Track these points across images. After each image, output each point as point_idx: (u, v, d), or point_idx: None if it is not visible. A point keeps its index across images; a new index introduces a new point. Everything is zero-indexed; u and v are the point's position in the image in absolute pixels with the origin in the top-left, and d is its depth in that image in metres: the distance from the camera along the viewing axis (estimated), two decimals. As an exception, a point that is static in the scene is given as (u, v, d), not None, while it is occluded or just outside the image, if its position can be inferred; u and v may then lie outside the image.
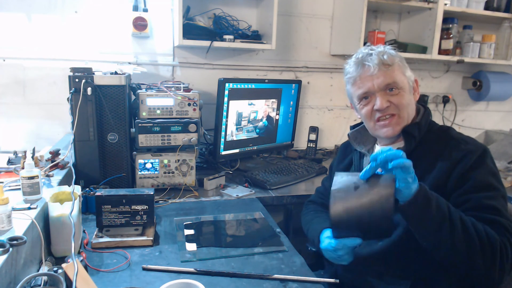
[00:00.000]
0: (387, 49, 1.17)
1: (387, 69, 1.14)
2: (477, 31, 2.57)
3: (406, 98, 1.15)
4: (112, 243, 1.20)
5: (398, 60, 1.17)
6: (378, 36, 2.25)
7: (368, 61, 1.14)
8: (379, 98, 1.14)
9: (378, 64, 1.13)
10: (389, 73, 1.14)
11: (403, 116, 1.16)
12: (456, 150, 1.10)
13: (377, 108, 1.15)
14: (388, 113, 1.16)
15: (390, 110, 1.15)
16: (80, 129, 1.54)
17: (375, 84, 1.14)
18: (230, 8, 2.18)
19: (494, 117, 2.98)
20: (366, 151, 1.30)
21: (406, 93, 1.16)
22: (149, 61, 2.11)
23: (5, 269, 0.82)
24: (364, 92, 1.17)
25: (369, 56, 1.15)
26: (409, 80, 1.18)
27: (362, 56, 1.17)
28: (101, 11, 1.99)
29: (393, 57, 1.16)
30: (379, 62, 1.13)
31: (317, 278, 1.07)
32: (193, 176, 1.73)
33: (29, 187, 1.12)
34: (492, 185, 1.05)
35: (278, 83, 2.18)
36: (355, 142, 1.31)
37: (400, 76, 1.15)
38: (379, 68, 1.13)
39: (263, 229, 1.39)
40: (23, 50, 1.93)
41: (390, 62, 1.14)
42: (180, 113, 1.70)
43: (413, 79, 1.20)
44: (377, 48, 1.18)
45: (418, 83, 1.23)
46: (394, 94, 1.14)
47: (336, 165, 1.45)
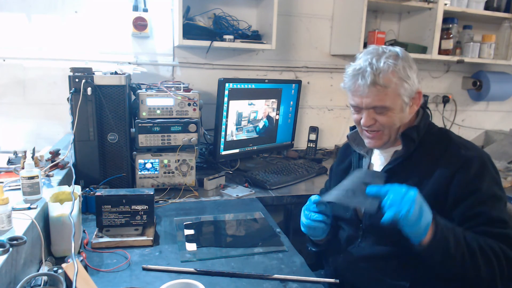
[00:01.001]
0: (388, 64, 1.08)
1: (379, 92, 1.09)
2: (477, 31, 2.57)
3: (394, 118, 1.12)
4: (112, 243, 1.20)
5: (396, 80, 1.09)
6: (378, 36, 2.25)
7: (361, 79, 1.09)
8: (365, 116, 1.14)
9: (369, 86, 1.08)
10: (379, 96, 1.09)
11: (386, 133, 1.15)
12: (457, 155, 1.09)
13: (362, 124, 1.15)
14: (372, 129, 1.16)
15: (374, 128, 1.15)
16: (80, 129, 1.54)
17: (363, 102, 1.12)
18: (230, 8, 2.18)
19: (494, 117, 2.98)
20: (365, 153, 1.30)
21: (395, 113, 1.12)
22: (149, 61, 2.11)
23: (5, 269, 0.82)
24: (354, 106, 1.17)
25: (365, 73, 1.09)
26: (406, 97, 1.11)
27: (360, 68, 1.11)
28: (101, 11, 1.99)
29: (391, 77, 1.08)
30: (372, 82, 1.08)
31: (317, 278, 1.07)
32: (193, 176, 1.73)
33: (29, 187, 1.12)
34: (497, 195, 1.06)
35: (278, 83, 2.18)
36: (354, 143, 1.31)
37: (392, 98, 1.10)
38: (370, 90, 1.09)
39: (263, 229, 1.39)
40: (23, 50, 1.93)
41: (385, 84, 1.08)
42: (180, 113, 1.70)
43: (415, 90, 1.13)
44: (377, 62, 1.09)
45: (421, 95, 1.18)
46: (381, 113, 1.12)
47: (336, 167, 1.44)
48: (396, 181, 1.15)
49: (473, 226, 1.03)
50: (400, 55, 1.13)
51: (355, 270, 1.20)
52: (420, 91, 1.16)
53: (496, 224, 1.02)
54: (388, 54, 1.12)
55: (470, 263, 0.97)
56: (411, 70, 1.13)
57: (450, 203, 1.07)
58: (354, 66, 1.14)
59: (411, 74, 1.12)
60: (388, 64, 1.09)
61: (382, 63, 1.09)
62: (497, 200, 1.06)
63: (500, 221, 1.03)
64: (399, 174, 1.16)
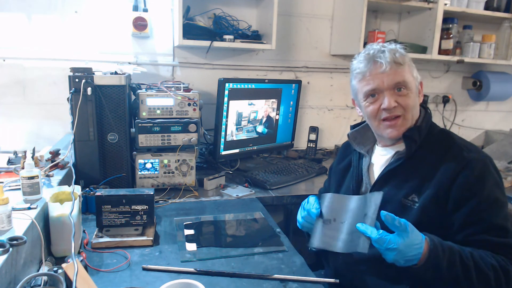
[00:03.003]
0: (398, 47, 1.15)
1: (398, 68, 1.12)
2: (477, 31, 2.57)
3: (413, 100, 1.14)
4: (112, 243, 1.20)
5: (408, 60, 1.16)
6: (378, 36, 2.25)
7: (380, 58, 1.12)
8: (387, 97, 1.12)
9: (390, 62, 1.11)
10: (400, 71, 1.12)
11: (408, 118, 1.14)
12: (459, 157, 1.08)
13: (385, 107, 1.13)
14: (394, 114, 1.14)
15: (396, 111, 1.13)
16: (80, 129, 1.54)
17: (385, 81, 1.12)
18: (230, 8, 2.18)
19: (494, 117, 2.98)
20: (365, 152, 1.29)
21: (413, 94, 1.14)
22: (149, 61, 2.11)
23: (5, 269, 0.82)
24: (373, 89, 1.14)
25: (381, 53, 1.13)
26: (416, 81, 1.17)
27: (374, 52, 1.14)
28: (101, 11, 1.99)
29: (404, 57, 1.14)
30: (392, 59, 1.11)
31: (317, 278, 1.07)
32: (193, 176, 1.73)
33: (29, 187, 1.12)
34: (499, 200, 1.05)
35: (278, 83, 2.18)
36: (355, 143, 1.31)
37: (409, 76, 1.14)
38: (391, 66, 1.11)
39: (263, 229, 1.39)
40: (23, 50, 1.93)
41: (401, 61, 1.12)
42: (180, 113, 1.70)
43: (419, 81, 1.19)
44: (389, 45, 1.16)
45: (423, 85, 1.22)
46: (402, 94, 1.13)
47: (335, 166, 1.44)
48: (396, 181, 1.16)
49: (474, 233, 1.03)
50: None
51: (355, 272, 1.20)
52: (422, 82, 1.21)
53: (496, 232, 1.02)
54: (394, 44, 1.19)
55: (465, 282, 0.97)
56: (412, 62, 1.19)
57: (451, 206, 1.06)
58: (367, 52, 1.17)
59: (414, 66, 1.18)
60: (398, 46, 1.16)
61: (394, 45, 1.16)
62: (499, 205, 1.05)
63: (501, 228, 1.02)
64: (399, 175, 1.16)
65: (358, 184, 1.28)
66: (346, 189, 1.32)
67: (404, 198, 1.13)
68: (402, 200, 1.13)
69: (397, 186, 1.15)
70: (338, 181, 1.37)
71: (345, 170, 1.36)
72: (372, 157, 1.29)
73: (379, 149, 1.27)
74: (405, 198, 1.13)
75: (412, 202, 1.11)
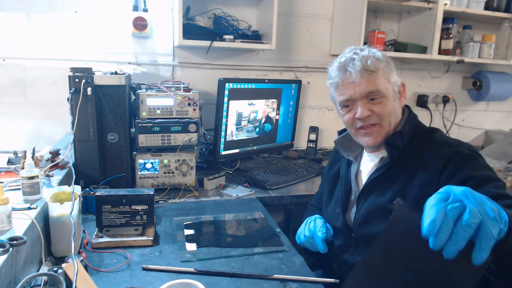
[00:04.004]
0: (372, 53, 1.11)
1: (370, 76, 1.08)
2: (477, 31, 2.57)
3: (389, 107, 1.11)
4: (112, 243, 1.20)
5: (383, 66, 1.11)
6: (378, 36, 2.25)
7: (350, 67, 1.09)
8: (360, 107, 1.10)
9: (361, 71, 1.08)
10: (372, 80, 1.08)
11: (385, 125, 1.12)
12: (442, 152, 1.04)
13: (358, 117, 1.11)
14: (369, 122, 1.12)
15: (371, 120, 1.11)
16: (80, 129, 1.54)
17: (356, 91, 1.10)
18: (230, 8, 2.17)
19: (494, 117, 2.98)
20: (353, 159, 1.26)
21: (389, 101, 1.11)
22: (149, 61, 2.11)
23: (5, 269, 0.82)
24: (346, 100, 1.13)
25: (351, 61, 1.10)
26: (395, 85, 1.13)
27: (345, 60, 1.11)
28: (101, 11, 1.99)
29: (378, 63, 1.10)
30: (362, 68, 1.08)
31: (317, 278, 1.07)
32: (193, 176, 1.73)
33: (29, 187, 1.12)
34: (493, 177, 0.97)
35: (278, 83, 2.18)
36: (342, 149, 1.27)
37: (384, 83, 1.10)
38: (361, 75, 1.08)
39: (263, 229, 1.39)
40: (23, 50, 1.93)
41: (373, 68, 1.08)
42: (180, 113, 1.70)
43: (400, 83, 1.15)
44: (361, 52, 1.11)
45: (406, 87, 1.18)
46: (376, 103, 1.10)
47: (326, 172, 1.41)
48: (381, 187, 1.13)
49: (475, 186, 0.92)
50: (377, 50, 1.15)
51: None
52: (404, 83, 1.17)
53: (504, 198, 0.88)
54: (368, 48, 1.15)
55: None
56: (391, 61, 1.15)
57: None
58: (338, 61, 1.14)
59: (393, 66, 1.14)
60: (372, 51, 1.12)
61: (366, 51, 1.12)
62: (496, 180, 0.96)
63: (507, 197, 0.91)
64: (383, 182, 1.13)
65: (347, 192, 1.26)
66: (336, 197, 1.29)
67: (389, 203, 1.10)
68: (386, 205, 1.10)
69: (382, 193, 1.13)
70: (329, 189, 1.35)
71: (335, 177, 1.33)
72: (361, 163, 1.26)
73: (366, 155, 1.24)
74: (390, 202, 1.10)
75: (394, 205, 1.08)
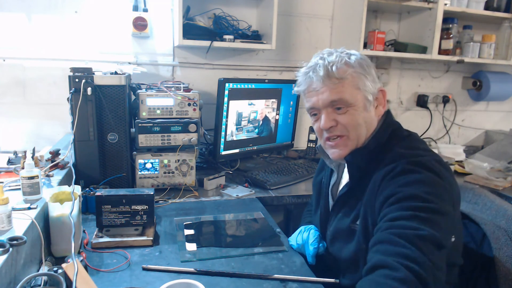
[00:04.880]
0: (341, 57, 1.02)
1: (335, 84, 1.00)
2: (477, 31, 2.57)
3: (358, 117, 1.01)
4: (112, 243, 1.20)
5: (352, 72, 1.01)
6: (378, 36, 2.25)
7: (313, 73, 1.02)
8: (323, 116, 1.03)
9: (323, 78, 1.00)
10: (337, 88, 1.00)
11: (352, 137, 1.03)
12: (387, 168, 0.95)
13: (321, 127, 1.04)
14: (334, 134, 1.04)
15: (336, 131, 1.04)
16: (80, 129, 1.54)
17: (319, 99, 1.02)
18: (230, 8, 2.17)
19: (494, 117, 2.98)
20: (335, 167, 1.18)
21: (357, 111, 1.01)
22: (149, 61, 2.11)
23: (5, 269, 0.82)
24: (311, 108, 1.07)
25: (316, 67, 1.02)
26: (368, 93, 1.02)
27: (311, 65, 1.04)
28: (101, 11, 1.99)
29: (346, 68, 1.00)
30: (325, 75, 1.00)
31: (317, 278, 1.07)
32: (193, 176, 1.73)
33: (29, 187, 1.12)
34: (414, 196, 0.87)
35: (278, 83, 2.18)
36: (324, 156, 1.18)
37: (351, 91, 1.00)
38: (324, 83, 1.00)
39: (263, 229, 1.39)
40: (23, 50, 1.93)
41: (338, 76, 0.99)
42: (180, 113, 1.70)
43: (377, 90, 1.04)
44: (328, 57, 1.03)
45: (386, 94, 1.07)
46: (342, 112, 1.02)
47: (314, 178, 1.35)
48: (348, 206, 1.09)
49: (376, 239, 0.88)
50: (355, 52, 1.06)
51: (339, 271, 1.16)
52: (383, 89, 1.07)
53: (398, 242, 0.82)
54: (341, 51, 1.05)
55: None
56: (369, 66, 1.04)
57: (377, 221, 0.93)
58: (306, 65, 1.08)
59: (369, 70, 1.03)
60: (341, 56, 1.02)
61: (334, 56, 1.03)
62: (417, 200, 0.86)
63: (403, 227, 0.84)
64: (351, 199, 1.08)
65: (326, 203, 1.21)
66: (321, 207, 1.24)
67: (352, 223, 1.06)
68: (350, 225, 1.06)
69: (348, 212, 1.08)
70: (316, 196, 1.30)
71: (319, 185, 1.28)
72: (343, 173, 1.18)
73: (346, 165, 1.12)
74: (353, 223, 1.06)
75: (356, 225, 1.04)
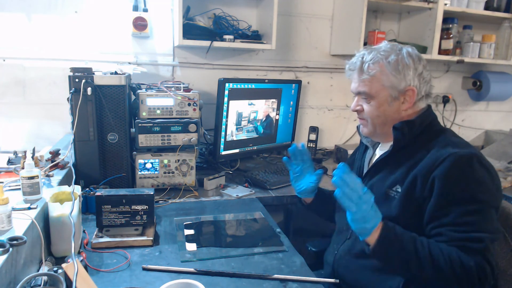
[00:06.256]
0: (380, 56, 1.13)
1: (364, 78, 1.16)
2: (477, 31, 2.57)
3: (378, 109, 1.16)
4: (112, 243, 1.20)
5: (380, 71, 1.13)
6: (378, 36, 2.25)
7: (351, 65, 1.20)
8: (354, 101, 1.22)
9: (357, 71, 1.17)
10: (365, 81, 1.16)
11: (370, 123, 1.20)
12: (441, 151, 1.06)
13: (351, 107, 1.24)
14: (359, 116, 1.23)
15: (360, 115, 1.22)
16: (80, 129, 1.54)
17: (352, 87, 1.21)
18: (230, 8, 2.17)
19: (494, 117, 2.98)
20: (370, 145, 1.32)
21: (380, 104, 1.15)
22: (149, 61, 2.11)
23: (5, 269, 0.82)
24: (351, 90, 1.23)
25: (354, 59, 1.19)
26: (393, 90, 1.13)
27: (353, 58, 1.20)
28: (101, 11, 1.99)
29: (375, 67, 1.13)
30: (359, 69, 1.16)
31: (317, 278, 1.07)
32: (193, 176, 1.73)
33: (29, 187, 1.12)
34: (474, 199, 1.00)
35: (278, 83, 2.18)
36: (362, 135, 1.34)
37: (376, 87, 1.14)
38: (357, 75, 1.17)
39: (263, 229, 1.39)
40: (23, 50, 1.93)
41: (367, 73, 1.14)
42: (180, 113, 1.70)
43: (405, 89, 1.13)
44: (368, 54, 1.16)
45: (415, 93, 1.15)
46: (366, 102, 1.18)
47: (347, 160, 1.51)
48: (385, 172, 1.18)
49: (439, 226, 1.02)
50: (403, 51, 1.15)
51: (354, 268, 1.20)
52: (413, 88, 1.14)
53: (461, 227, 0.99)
54: (386, 48, 1.16)
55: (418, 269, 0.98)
56: (407, 67, 1.13)
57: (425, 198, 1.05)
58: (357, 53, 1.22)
59: (404, 70, 1.13)
60: (378, 56, 1.14)
61: (372, 54, 1.15)
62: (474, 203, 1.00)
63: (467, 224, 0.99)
64: (387, 167, 1.18)
65: (360, 175, 1.31)
66: None
67: (389, 189, 1.14)
68: (386, 190, 1.14)
69: (384, 177, 1.18)
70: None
71: (352, 163, 1.42)
72: (377, 149, 1.31)
73: (382, 144, 1.29)
74: (390, 188, 1.14)
75: (395, 193, 1.12)
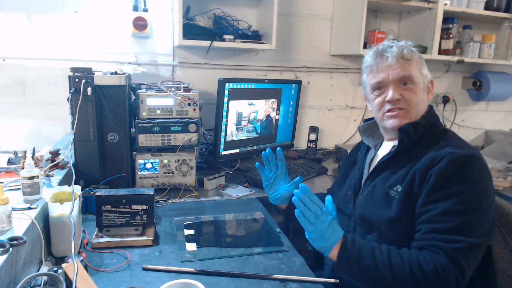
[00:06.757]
0: (408, 44, 1.19)
1: (405, 63, 1.15)
2: (477, 31, 2.57)
3: (419, 96, 1.16)
4: (112, 243, 1.20)
5: (417, 57, 1.19)
6: (378, 36, 2.25)
7: (388, 52, 1.16)
8: (391, 90, 1.16)
9: (397, 56, 1.15)
10: (406, 66, 1.15)
11: (412, 112, 1.16)
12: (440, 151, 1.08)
13: (388, 99, 1.16)
14: (397, 106, 1.16)
15: (400, 104, 1.16)
16: (80, 129, 1.54)
17: (390, 75, 1.16)
18: (230, 8, 2.18)
19: (494, 117, 2.98)
20: (372, 146, 1.32)
21: (419, 90, 1.17)
22: (149, 61, 2.11)
23: (5, 269, 0.82)
24: (379, 82, 1.18)
25: (389, 48, 1.17)
26: (425, 78, 1.19)
27: (383, 47, 1.19)
28: (101, 11, 1.99)
29: (413, 53, 1.18)
30: (398, 54, 1.15)
31: (317, 278, 1.07)
32: (193, 176, 1.73)
33: (29, 187, 1.12)
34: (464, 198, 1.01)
35: (278, 83, 2.18)
36: (365, 135, 1.33)
37: (416, 72, 1.16)
38: (397, 60, 1.15)
39: (263, 229, 1.39)
40: (23, 50, 1.93)
41: (409, 57, 1.16)
42: (180, 113, 1.70)
43: (429, 79, 1.22)
44: (398, 42, 1.19)
45: (434, 84, 1.23)
46: (408, 88, 1.16)
47: (344, 162, 1.49)
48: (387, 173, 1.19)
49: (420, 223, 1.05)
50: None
51: None
52: (433, 80, 1.23)
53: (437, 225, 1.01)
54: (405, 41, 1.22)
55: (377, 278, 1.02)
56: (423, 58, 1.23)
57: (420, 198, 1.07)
58: (377, 47, 1.22)
59: (424, 61, 1.21)
60: (408, 44, 1.20)
61: (403, 42, 1.20)
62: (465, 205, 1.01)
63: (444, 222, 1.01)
64: (390, 167, 1.19)
65: (360, 176, 1.31)
66: (350, 180, 1.35)
67: (389, 189, 1.15)
68: (387, 191, 1.15)
69: (386, 178, 1.18)
70: (344, 174, 1.42)
71: (352, 163, 1.40)
72: (379, 151, 1.31)
73: (384, 145, 1.30)
74: (390, 188, 1.15)
75: (396, 192, 1.13)
